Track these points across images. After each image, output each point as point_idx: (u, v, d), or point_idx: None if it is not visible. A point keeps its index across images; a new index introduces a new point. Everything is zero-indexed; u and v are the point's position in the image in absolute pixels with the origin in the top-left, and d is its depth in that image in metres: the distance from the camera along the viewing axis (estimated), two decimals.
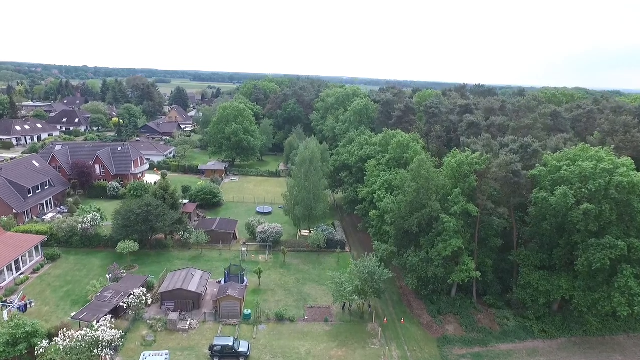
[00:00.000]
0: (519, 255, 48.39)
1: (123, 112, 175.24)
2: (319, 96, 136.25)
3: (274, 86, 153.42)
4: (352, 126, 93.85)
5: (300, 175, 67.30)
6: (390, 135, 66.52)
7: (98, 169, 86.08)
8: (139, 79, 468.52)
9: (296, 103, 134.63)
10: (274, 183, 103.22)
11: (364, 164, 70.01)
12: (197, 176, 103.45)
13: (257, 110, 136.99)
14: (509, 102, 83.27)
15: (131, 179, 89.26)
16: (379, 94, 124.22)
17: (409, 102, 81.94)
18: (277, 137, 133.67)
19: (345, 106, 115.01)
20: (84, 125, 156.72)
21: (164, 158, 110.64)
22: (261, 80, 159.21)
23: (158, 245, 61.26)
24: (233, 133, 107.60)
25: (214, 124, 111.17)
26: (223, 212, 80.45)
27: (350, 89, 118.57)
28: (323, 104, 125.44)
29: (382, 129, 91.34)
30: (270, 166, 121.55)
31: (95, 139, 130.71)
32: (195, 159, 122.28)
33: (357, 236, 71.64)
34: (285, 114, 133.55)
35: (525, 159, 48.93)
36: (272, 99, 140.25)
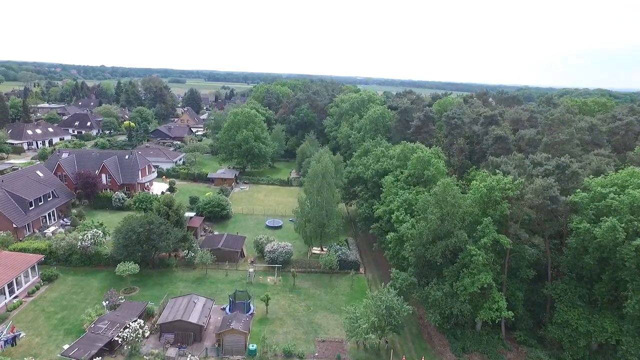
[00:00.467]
0: (555, 288, 43.36)
1: (135, 114, 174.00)
2: (333, 101, 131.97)
3: (286, 90, 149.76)
4: (367, 135, 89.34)
5: (312, 190, 63.17)
6: (409, 149, 61.84)
7: (104, 178, 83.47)
8: (154, 80, 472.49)
9: (309, 108, 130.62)
10: (285, 193, 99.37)
11: (380, 179, 65.54)
12: (206, 184, 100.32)
13: (269, 115, 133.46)
14: (536, 111, 77.63)
15: (138, 188, 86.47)
16: (395, 99, 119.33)
17: (428, 111, 77.01)
18: (289, 143, 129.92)
19: (360, 112, 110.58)
20: (96, 129, 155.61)
21: (173, 165, 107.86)
22: (274, 84, 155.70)
23: (161, 265, 57.90)
24: (244, 140, 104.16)
25: (225, 130, 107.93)
26: (231, 226, 76.91)
27: (365, 94, 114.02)
28: (337, 110, 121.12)
29: (399, 139, 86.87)
30: (282, 173, 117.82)
31: (105, 145, 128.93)
32: (205, 165, 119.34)
33: (372, 256, 67.16)
34: (298, 119, 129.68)
35: (562, 181, 43.84)
36: (284, 103, 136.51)
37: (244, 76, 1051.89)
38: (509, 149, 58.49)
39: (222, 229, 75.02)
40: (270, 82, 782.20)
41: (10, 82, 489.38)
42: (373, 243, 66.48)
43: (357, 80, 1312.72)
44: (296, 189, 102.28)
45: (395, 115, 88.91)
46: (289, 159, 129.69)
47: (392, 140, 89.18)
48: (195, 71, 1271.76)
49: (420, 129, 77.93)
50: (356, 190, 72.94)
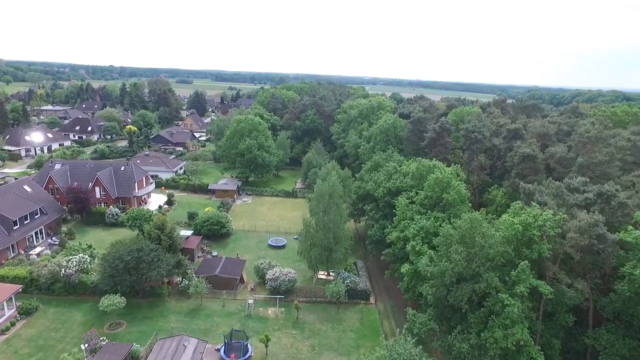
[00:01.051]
0: (599, 338, 37.42)
1: (138, 119, 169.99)
2: (341, 107, 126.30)
3: (292, 94, 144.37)
4: (377, 146, 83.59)
5: (318, 211, 57.71)
6: (425, 167, 56.09)
7: (98, 192, 78.74)
8: (160, 81, 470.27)
9: (316, 114, 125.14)
10: (290, 205, 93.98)
11: (393, 198, 59.88)
12: (207, 196, 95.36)
13: (274, 121, 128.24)
14: (563, 122, 71.33)
15: (134, 202, 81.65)
16: (407, 105, 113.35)
17: (444, 123, 71.04)
18: (294, 150, 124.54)
19: (369, 120, 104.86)
20: (97, 134, 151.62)
21: (172, 175, 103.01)
22: (280, 87, 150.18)
23: (152, 294, 52.80)
24: (247, 149, 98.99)
25: (227, 138, 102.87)
26: (231, 245, 71.71)
27: (375, 100, 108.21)
28: (345, 116, 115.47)
29: (411, 150, 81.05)
30: (287, 183, 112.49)
31: (104, 151, 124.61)
32: (207, 174, 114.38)
33: (384, 283, 61.47)
34: (304, 125, 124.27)
35: (606, 213, 37.90)
36: (290, 109, 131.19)
37: (251, 76, 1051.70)
38: (537, 168, 52.49)
39: (222, 249, 69.90)
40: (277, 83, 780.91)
41: (19, 82, 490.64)
42: (384, 269, 60.79)
43: (365, 80, 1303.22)
44: (301, 201, 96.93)
45: (408, 125, 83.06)
46: (294, 167, 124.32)
47: (404, 151, 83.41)
48: (202, 71, 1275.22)
49: (435, 141, 72.04)
50: (366, 208, 67.35)
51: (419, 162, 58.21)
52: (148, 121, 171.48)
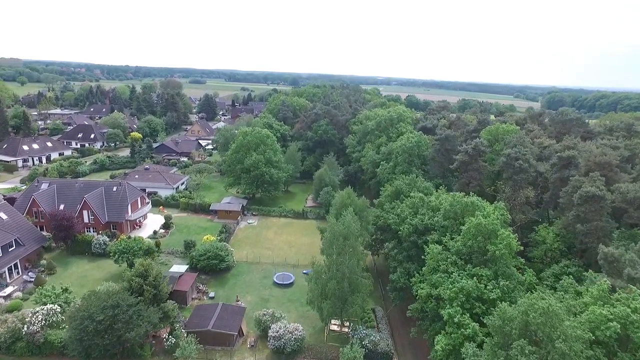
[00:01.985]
0: None
1: (143, 125, 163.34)
2: (356, 117, 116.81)
3: (304, 102, 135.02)
4: (399, 167, 73.90)
5: (331, 255, 48.48)
6: (461, 205, 46.36)
7: (86, 216, 70.92)
8: (173, 82, 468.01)
9: (329, 124, 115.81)
10: (300, 228, 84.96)
11: (420, 238, 50.34)
12: (208, 217, 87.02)
13: (284, 131, 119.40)
14: (621, 145, 60.61)
15: (126, 227, 73.68)
16: (430, 117, 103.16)
17: (478, 144, 60.98)
18: (305, 163, 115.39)
19: (388, 133, 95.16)
20: (100, 141, 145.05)
21: (173, 192, 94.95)
22: (290, 95, 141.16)
23: (131, 354, 44.25)
24: (253, 165, 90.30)
25: (232, 152, 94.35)
26: (232, 281, 62.97)
27: (394, 111, 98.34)
28: (361, 127, 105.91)
29: (438, 173, 71.15)
30: (297, 200, 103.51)
31: (105, 162, 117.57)
32: (211, 189, 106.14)
33: (408, 340, 51.83)
34: (316, 136, 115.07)
35: None
36: (301, 118, 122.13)
37: (264, 76, 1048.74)
38: (603, 211, 42.30)
39: (220, 286, 61.25)
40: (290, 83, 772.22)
41: (34, 83, 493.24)
42: (410, 321, 51.20)
43: (378, 80, 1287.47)
44: (312, 224, 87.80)
45: (434, 143, 73.15)
46: (305, 181, 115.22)
47: (429, 173, 73.57)
48: (216, 71, 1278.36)
49: (468, 165, 62.06)
50: (387, 244, 57.94)
51: (453, 197, 48.44)
52: (154, 127, 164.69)
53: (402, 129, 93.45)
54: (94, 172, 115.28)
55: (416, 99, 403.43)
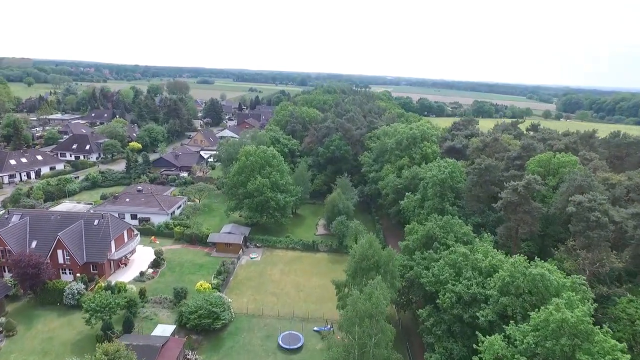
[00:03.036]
0: None
1: (143, 134, 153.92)
2: (372, 131, 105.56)
3: (314, 113, 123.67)
4: (429, 202, 62.50)
5: (352, 334, 37.53)
6: (526, 278, 35.01)
7: (61, 256, 60.80)
8: (180, 83, 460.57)
9: (342, 139, 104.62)
10: (310, 265, 74.09)
11: (467, 311, 39.15)
12: (206, 250, 76.62)
13: (292, 146, 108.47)
14: None
15: (109, 268, 63.46)
16: (456, 133, 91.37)
17: (531, 182, 49.36)
18: (316, 182, 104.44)
19: (410, 153, 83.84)
20: (96, 153, 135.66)
21: (167, 218, 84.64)
22: (299, 105, 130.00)
23: None
24: (257, 190, 79.63)
25: (234, 174, 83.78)
26: (228, 344, 52.22)
27: (417, 128, 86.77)
28: (378, 144, 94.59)
29: (476, 209, 59.62)
30: (306, 225, 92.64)
31: (97, 179, 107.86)
32: (211, 211, 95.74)
33: None
34: (327, 152, 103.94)
35: None
36: (311, 131, 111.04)
37: (272, 76, 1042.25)
38: None
39: (214, 352, 50.63)
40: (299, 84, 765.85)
41: (41, 84, 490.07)
42: None
43: (388, 80, 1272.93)
44: (323, 258, 77.25)
45: (469, 171, 61.64)
46: (315, 201, 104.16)
47: (464, 209, 62.07)
48: (225, 70, 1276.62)
49: (517, 206, 50.55)
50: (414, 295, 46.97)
51: (512, 265, 37.06)
52: (155, 136, 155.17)
53: (426, 149, 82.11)
54: (85, 190, 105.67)
55: (428, 102, 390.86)
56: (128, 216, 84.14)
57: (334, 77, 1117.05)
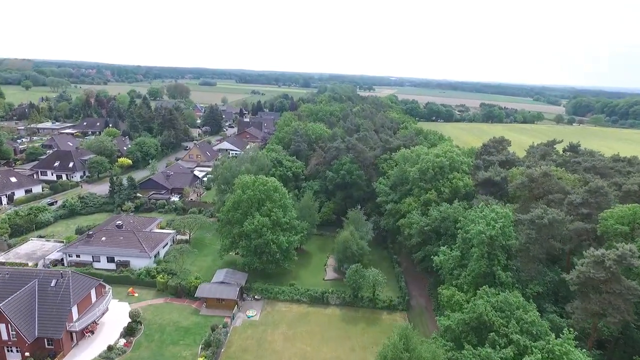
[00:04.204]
0: None
1: (134, 148, 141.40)
2: (388, 154, 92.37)
3: (320, 129, 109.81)
4: (474, 264, 49.12)
5: None
6: None
7: (5, 331, 48.02)
8: (180, 87, 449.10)
9: (353, 161, 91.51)
10: (319, 325, 61.10)
11: None
12: (194, 305, 63.78)
13: (296, 169, 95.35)
14: None
15: (69, 342, 50.62)
16: (490, 161, 77.95)
17: (626, 254, 36.17)
18: (323, 210, 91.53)
19: (437, 185, 70.68)
20: (80, 171, 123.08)
21: (151, 261, 71.83)
22: (303, 118, 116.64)
23: None
24: (255, 231, 66.73)
25: (228, 209, 70.88)
26: None
27: (444, 154, 73.35)
28: (397, 171, 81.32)
29: (533, 274, 46.42)
30: (313, 265, 79.72)
31: (75, 207, 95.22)
32: (204, 246, 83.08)
33: None
34: (337, 177, 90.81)
35: None
36: (318, 152, 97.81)
37: (275, 77, 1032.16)
38: None
39: None
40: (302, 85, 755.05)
41: (39, 87, 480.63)
42: None
43: (391, 81, 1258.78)
44: (335, 314, 64.26)
45: (524, 226, 48.35)
46: (322, 232, 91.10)
47: (518, 273, 48.76)
48: (228, 71, 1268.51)
49: (602, 284, 37.30)
50: None
51: None
52: (147, 151, 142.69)
53: (457, 182, 68.83)
54: (62, 220, 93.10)
55: (437, 107, 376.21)
56: (104, 259, 71.53)
57: (337, 78, 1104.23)
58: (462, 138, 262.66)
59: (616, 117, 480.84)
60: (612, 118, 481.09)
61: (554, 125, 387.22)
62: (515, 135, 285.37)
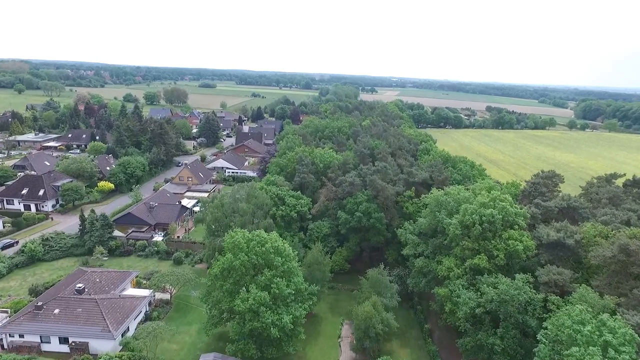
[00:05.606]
0: None
1: (117, 170, 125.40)
2: (413, 190, 76.13)
3: (330, 156, 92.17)
4: None
5: None
6: None
7: None
8: (177, 91, 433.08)
9: (371, 200, 75.34)
10: None
11: None
12: None
13: (302, 208, 79.09)
14: None
15: None
16: (547, 209, 61.49)
17: None
18: (335, 258, 75.53)
19: (486, 245, 54.48)
20: (52, 199, 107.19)
21: (117, 341, 55.64)
22: (310, 146, 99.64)
23: None
24: (250, 311, 50.62)
25: (215, 276, 54.77)
26: None
27: (494, 204, 57.21)
28: (429, 219, 65.00)
29: None
30: (324, 335, 63.81)
31: (37, 252, 79.16)
32: (187, 311, 67.18)
33: None
34: (352, 219, 74.61)
35: None
36: (328, 186, 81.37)
37: (276, 78, 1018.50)
38: None
39: None
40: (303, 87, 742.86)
41: (33, 91, 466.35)
42: None
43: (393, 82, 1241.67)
44: None
45: None
46: (334, 284, 75.04)
47: None
48: (228, 72, 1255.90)
49: None
50: None
51: None
52: (132, 172, 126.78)
53: (515, 246, 52.55)
54: (19, 269, 77.13)
55: (445, 112, 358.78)
56: (55, 340, 55.47)
57: (338, 79, 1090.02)
58: (475, 148, 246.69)
59: (629, 122, 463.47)
60: (624, 123, 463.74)
61: (567, 132, 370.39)
62: (532, 145, 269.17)
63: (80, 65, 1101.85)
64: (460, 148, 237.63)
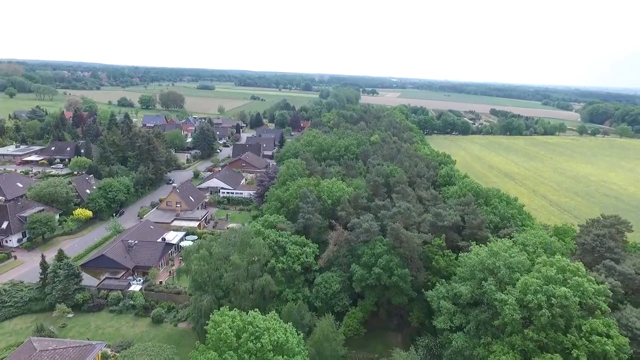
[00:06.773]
0: None
1: (97, 194, 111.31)
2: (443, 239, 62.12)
3: (338, 189, 77.10)
4: None
5: None
6: None
7: None
8: (173, 94, 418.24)
9: (392, 250, 61.26)
10: None
11: None
12: None
13: (306, 259, 64.89)
14: None
15: None
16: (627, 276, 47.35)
17: None
18: (348, 320, 61.66)
19: (557, 338, 40.40)
20: (18, 233, 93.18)
21: None
22: (315, 177, 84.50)
23: None
24: None
25: None
26: None
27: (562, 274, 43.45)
28: (470, 288, 51.02)
29: None
30: None
31: None
32: None
33: None
34: (370, 277, 60.53)
35: None
36: (338, 230, 67.25)
37: (275, 79, 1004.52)
38: None
39: None
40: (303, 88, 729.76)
41: (25, 94, 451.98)
42: None
43: (393, 82, 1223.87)
44: None
45: None
46: (347, 352, 61.12)
47: None
48: (227, 73, 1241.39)
49: None
50: None
51: None
52: (114, 197, 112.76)
53: (600, 344, 38.49)
54: None
55: (451, 118, 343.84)
56: None
57: (338, 79, 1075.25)
58: (486, 158, 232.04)
59: (639, 127, 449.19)
60: (634, 127, 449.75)
61: (578, 138, 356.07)
62: (545, 154, 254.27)
63: (79, 65, 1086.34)
64: (471, 159, 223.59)
